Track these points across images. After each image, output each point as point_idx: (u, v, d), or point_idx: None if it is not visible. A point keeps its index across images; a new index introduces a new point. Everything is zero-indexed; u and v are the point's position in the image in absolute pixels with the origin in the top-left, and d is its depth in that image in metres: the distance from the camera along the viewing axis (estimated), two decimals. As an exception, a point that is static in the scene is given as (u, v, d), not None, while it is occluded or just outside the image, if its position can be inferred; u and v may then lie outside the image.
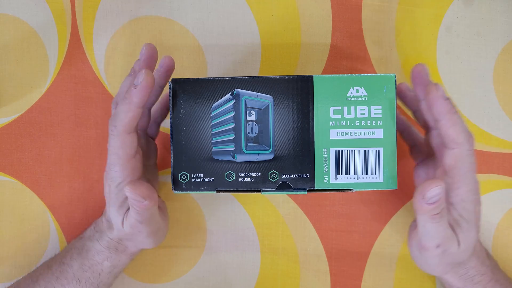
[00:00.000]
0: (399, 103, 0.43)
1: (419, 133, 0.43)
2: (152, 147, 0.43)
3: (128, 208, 0.38)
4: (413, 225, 0.40)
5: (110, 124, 0.36)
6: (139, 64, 0.39)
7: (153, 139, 0.44)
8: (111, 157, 0.37)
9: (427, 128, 0.40)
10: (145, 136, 0.42)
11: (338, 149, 0.37)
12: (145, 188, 0.36)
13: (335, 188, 0.37)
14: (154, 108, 0.43)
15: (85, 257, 0.41)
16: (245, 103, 0.37)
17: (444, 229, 0.36)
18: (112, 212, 0.39)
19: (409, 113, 0.44)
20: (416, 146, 0.43)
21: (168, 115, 0.43)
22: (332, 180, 0.37)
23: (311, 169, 0.37)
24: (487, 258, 0.41)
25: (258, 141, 0.37)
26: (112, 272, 0.42)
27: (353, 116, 0.37)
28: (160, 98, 0.42)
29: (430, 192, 0.33)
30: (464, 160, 0.35)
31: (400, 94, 0.42)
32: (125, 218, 0.39)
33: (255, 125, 0.37)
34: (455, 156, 0.35)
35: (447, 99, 0.35)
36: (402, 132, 0.44)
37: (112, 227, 0.40)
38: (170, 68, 0.40)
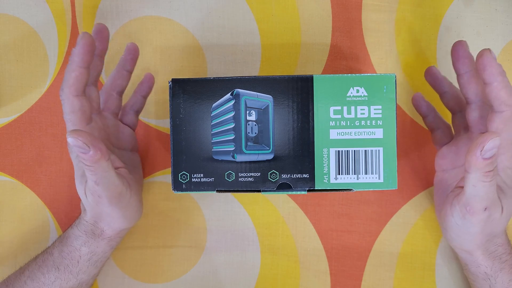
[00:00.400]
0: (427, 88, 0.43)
1: (442, 117, 0.44)
2: (125, 131, 0.44)
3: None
4: (452, 194, 0.40)
5: (60, 93, 0.37)
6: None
7: (132, 127, 0.45)
8: (67, 125, 0.37)
9: (456, 109, 0.42)
10: (115, 119, 0.43)
11: (338, 149, 0.37)
12: (89, 135, 0.34)
13: (335, 188, 0.37)
14: (132, 98, 0.45)
15: (64, 244, 0.41)
16: (245, 103, 0.37)
17: (493, 190, 0.36)
18: (77, 186, 0.39)
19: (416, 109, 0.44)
20: (440, 129, 0.43)
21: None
22: (332, 180, 0.37)
23: (311, 169, 0.37)
24: (510, 241, 0.42)
25: (258, 141, 0.37)
26: (91, 260, 0.42)
27: (353, 116, 0.37)
28: (136, 88, 0.45)
29: (489, 144, 0.33)
30: None
31: (432, 76, 0.43)
32: (86, 187, 0.38)
33: (255, 125, 0.37)
34: (504, 119, 0.35)
35: (499, 64, 0.35)
36: (427, 116, 0.44)
37: (84, 207, 0.40)
38: (134, 53, 0.43)
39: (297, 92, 0.37)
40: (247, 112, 0.37)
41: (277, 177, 0.37)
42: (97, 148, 0.34)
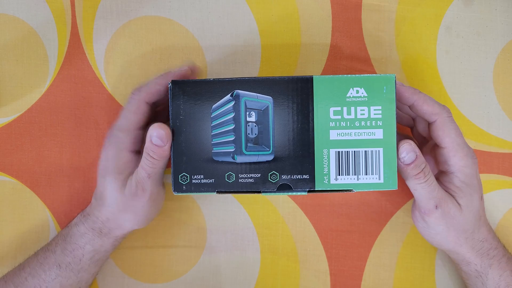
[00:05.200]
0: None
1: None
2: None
3: (129, 174, 0.40)
4: (414, 201, 0.42)
5: (134, 90, 0.39)
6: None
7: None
8: (120, 121, 0.39)
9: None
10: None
11: (338, 149, 0.37)
12: (170, 131, 0.37)
13: (335, 189, 0.37)
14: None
15: (68, 242, 0.42)
16: (245, 104, 0.37)
17: (435, 188, 0.38)
18: (109, 181, 0.39)
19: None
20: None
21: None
22: (333, 181, 0.37)
23: (311, 170, 0.37)
24: (496, 235, 0.42)
25: (258, 142, 0.37)
26: (93, 258, 0.42)
27: (353, 117, 0.37)
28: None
29: (401, 151, 0.36)
30: (449, 126, 0.38)
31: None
32: (129, 180, 0.39)
33: (255, 126, 0.37)
34: (439, 126, 0.38)
35: (408, 86, 0.38)
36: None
37: (103, 203, 0.41)
38: (192, 73, 0.43)
39: (297, 93, 0.37)
40: (247, 113, 0.37)
41: (277, 178, 0.37)
42: (169, 147, 0.37)
